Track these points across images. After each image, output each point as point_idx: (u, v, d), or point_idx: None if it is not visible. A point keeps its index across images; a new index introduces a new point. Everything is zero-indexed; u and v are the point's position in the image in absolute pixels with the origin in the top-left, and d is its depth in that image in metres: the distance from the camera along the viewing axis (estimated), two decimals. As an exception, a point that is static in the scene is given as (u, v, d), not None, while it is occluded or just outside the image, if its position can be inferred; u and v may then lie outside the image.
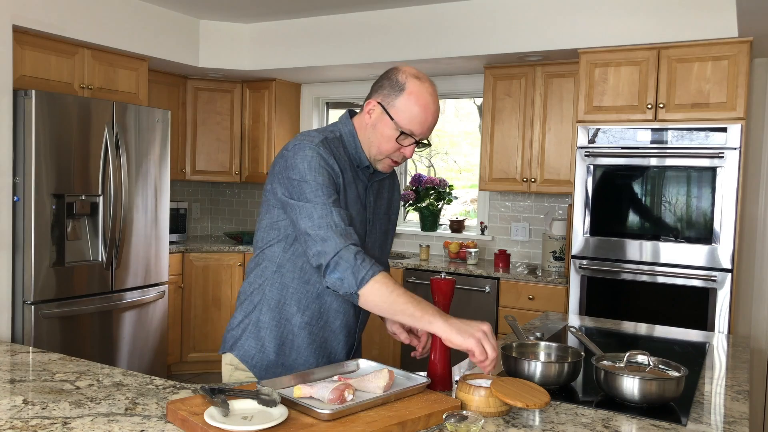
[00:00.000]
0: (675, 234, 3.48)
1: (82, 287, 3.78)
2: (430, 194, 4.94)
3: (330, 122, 3.59)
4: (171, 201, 4.79)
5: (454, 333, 1.45)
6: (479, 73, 4.65)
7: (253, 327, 1.75)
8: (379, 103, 1.67)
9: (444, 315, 1.50)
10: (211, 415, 1.27)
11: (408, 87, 1.64)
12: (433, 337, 1.62)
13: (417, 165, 5.48)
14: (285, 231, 1.69)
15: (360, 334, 1.87)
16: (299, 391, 1.41)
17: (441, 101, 6.47)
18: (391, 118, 1.64)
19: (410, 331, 1.78)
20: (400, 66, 1.68)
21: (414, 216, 5.20)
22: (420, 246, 4.71)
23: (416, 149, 1.72)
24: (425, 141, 1.71)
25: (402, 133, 1.64)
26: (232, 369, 1.78)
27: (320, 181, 1.60)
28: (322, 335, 1.74)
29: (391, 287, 1.51)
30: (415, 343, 1.76)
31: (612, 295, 3.64)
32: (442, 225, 5.08)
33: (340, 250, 1.52)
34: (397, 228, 2.18)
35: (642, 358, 1.68)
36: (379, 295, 1.51)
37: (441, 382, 1.60)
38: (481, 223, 4.81)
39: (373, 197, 1.77)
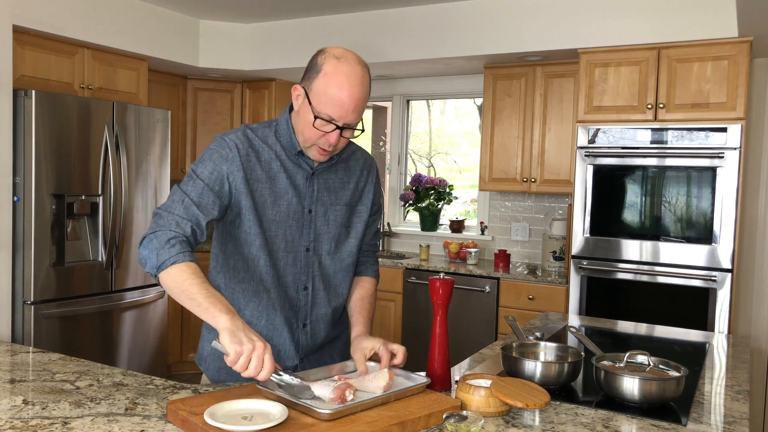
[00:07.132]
0: (675, 234, 3.48)
1: (82, 287, 3.78)
2: (430, 194, 4.94)
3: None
4: (171, 201, 4.79)
5: (227, 334, 1.35)
6: (479, 73, 4.66)
7: None
8: (303, 87, 1.57)
9: (234, 315, 1.40)
10: (212, 414, 1.27)
11: (324, 68, 1.52)
12: (432, 336, 1.61)
13: (417, 165, 5.48)
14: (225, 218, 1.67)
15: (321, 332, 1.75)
16: (299, 391, 1.41)
17: (441, 101, 6.35)
18: (310, 103, 1.54)
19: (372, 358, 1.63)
20: (328, 47, 1.57)
21: (414, 216, 5.20)
22: (420, 246, 4.71)
23: (351, 137, 1.60)
24: (358, 128, 1.58)
25: (317, 117, 1.53)
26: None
27: (202, 173, 1.57)
28: (267, 313, 1.68)
29: (188, 276, 1.45)
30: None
31: (612, 295, 3.64)
32: (442, 225, 5.08)
33: (158, 230, 1.50)
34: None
35: (642, 358, 1.68)
36: (174, 280, 1.46)
37: (440, 382, 1.59)
38: (481, 223, 4.81)
39: (318, 186, 1.68)
